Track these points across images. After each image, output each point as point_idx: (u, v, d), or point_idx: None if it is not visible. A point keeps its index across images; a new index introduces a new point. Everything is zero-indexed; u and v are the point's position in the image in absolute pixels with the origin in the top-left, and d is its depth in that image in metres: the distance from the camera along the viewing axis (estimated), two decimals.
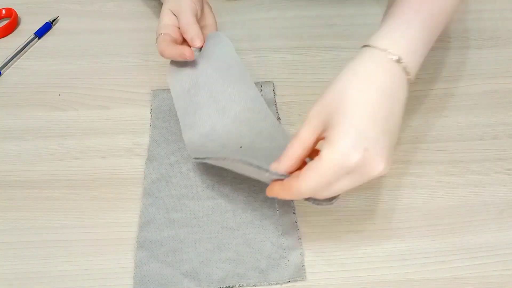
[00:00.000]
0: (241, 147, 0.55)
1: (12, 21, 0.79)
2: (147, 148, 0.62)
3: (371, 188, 0.57)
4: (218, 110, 0.58)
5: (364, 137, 0.41)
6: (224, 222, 0.54)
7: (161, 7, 0.65)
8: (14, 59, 0.74)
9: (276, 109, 0.65)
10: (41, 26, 0.78)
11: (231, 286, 0.50)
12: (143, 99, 0.68)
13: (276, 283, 0.50)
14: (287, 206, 0.55)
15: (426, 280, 0.50)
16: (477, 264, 0.51)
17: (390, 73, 0.44)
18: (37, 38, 0.77)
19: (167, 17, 0.62)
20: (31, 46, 0.76)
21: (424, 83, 0.68)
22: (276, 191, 0.46)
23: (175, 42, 0.61)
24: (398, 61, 0.44)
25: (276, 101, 0.66)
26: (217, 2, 0.82)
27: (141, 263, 0.51)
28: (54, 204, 0.57)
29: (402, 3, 0.47)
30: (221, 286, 0.49)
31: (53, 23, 0.80)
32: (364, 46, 0.46)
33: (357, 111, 0.42)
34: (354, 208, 0.56)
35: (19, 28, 0.80)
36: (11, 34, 0.79)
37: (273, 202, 0.55)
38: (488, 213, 0.55)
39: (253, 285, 0.50)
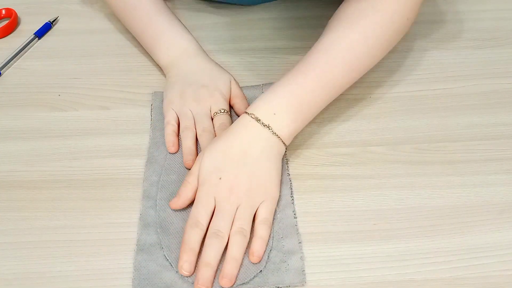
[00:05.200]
0: None
1: (12, 21, 0.79)
2: (147, 149, 0.62)
3: (371, 188, 0.57)
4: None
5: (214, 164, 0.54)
6: None
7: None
8: (14, 59, 0.74)
9: None
10: (41, 26, 0.78)
11: None
12: (143, 99, 0.68)
13: (276, 287, 0.50)
14: (288, 209, 0.55)
15: (426, 280, 0.50)
16: (477, 264, 0.51)
17: (251, 127, 0.55)
18: (37, 38, 0.77)
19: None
20: (31, 46, 0.76)
21: (424, 83, 0.68)
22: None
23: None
24: (260, 122, 0.55)
25: None
26: (217, 2, 0.82)
27: (140, 266, 0.51)
28: (54, 205, 0.57)
29: (280, 80, 0.58)
30: None
31: (53, 23, 0.80)
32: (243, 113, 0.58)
33: (210, 152, 0.55)
34: (354, 208, 0.56)
35: (19, 28, 0.80)
36: (11, 34, 0.79)
37: None
38: (488, 214, 0.55)
39: None
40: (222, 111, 0.62)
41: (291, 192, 0.57)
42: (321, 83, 0.57)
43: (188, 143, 0.61)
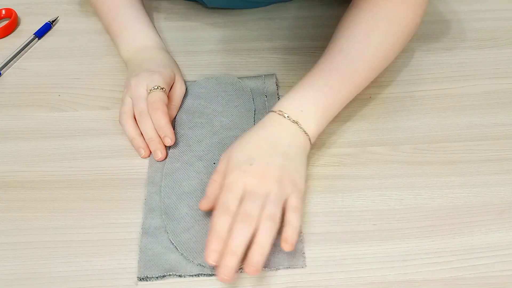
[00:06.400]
0: (214, 163, 0.59)
1: (12, 22, 0.79)
2: None
3: (371, 188, 0.57)
4: (211, 132, 0.62)
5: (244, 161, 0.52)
6: None
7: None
8: (14, 59, 0.74)
9: None
10: (41, 26, 0.78)
11: None
12: None
13: (276, 268, 0.50)
14: None
15: (426, 281, 0.50)
16: (477, 264, 0.51)
17: (279, 122, 0.55)
18: (37, 39, 0.77)
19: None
20: (31, 47, 0.76)
21: (424, 83, 0.68)
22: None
23: None
24: (289, 118, 0.55)
25: (279, 93, 0.67)
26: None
27: (145, 248, 0.52)
28: (54, 205, 0.57)
29: (303, 79, 0.59)
30: None
31: (53, 23, 0.80)
32: (269, 112, 0.57)
33: (239, 144, 0.54)
34: (354, 208, 0.56)
35: (19, 28, 0.80)
36: (11, 35, 0.79)
37: None
38: (488, 214, 0.55)
39: None
40: (156, 87, 0.61)
41: None
42: (343, 82, 0.58)
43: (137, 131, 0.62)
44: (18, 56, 0.75)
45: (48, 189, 0.58)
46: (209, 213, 0.54)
